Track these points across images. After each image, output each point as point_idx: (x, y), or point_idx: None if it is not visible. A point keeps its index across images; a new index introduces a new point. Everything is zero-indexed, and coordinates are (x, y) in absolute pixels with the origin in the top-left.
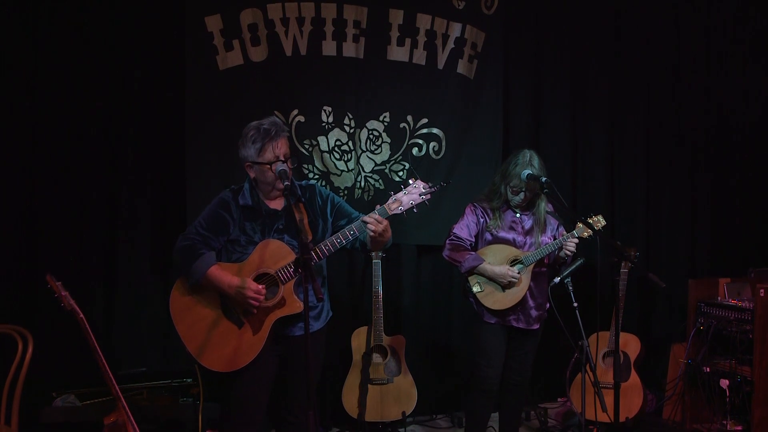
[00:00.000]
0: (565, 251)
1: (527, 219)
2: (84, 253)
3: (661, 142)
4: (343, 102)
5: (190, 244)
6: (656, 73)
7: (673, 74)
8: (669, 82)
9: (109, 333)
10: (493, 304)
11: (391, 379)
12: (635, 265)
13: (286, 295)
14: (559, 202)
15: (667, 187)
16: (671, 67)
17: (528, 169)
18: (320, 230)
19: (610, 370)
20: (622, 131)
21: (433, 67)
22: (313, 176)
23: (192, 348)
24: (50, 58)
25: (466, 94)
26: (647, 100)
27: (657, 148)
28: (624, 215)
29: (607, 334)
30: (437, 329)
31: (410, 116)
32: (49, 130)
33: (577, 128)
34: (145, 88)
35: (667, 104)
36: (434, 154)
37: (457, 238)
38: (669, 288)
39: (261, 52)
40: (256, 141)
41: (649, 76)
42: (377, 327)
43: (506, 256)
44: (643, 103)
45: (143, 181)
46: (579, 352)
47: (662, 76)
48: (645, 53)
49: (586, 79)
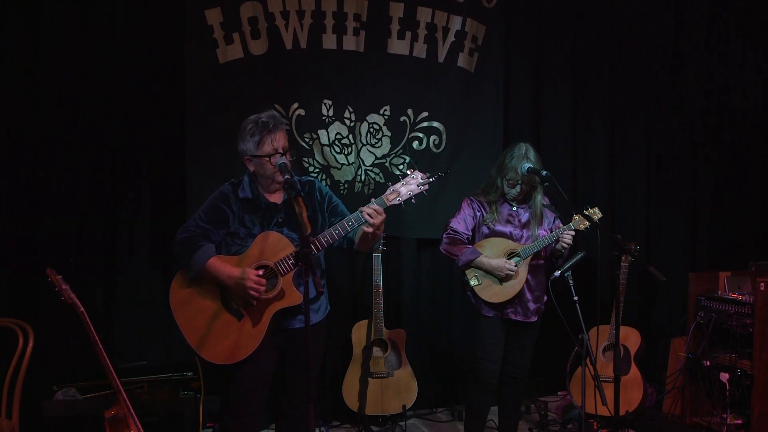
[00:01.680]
0: (562, 244)
1: (524, 212)
2: (84, 247)
3: (662, 136)
4: (344, 95)
5: (190, 236)
6: (657, 65)
7: (674, 66)
8: (670, 74)
9: (110, 326)
10: (491, 297)
11: (392, 373)
12: (635, 258)
13: (286, 287)
14: (559, 195)
15: (667, 181)
16: (673, 58)
17: (525, 161)
18: (320, 225)
19: (610, 363)
20: (622, 124)
21: (434, 61)
22: (314, 170)
23: (192, 340)
24: (49, 52)
25: (467, 87)
26: (648, 94)
27: (658, 141)
28: (624, 209)
29: (608, 327)
30: (437, 323)
31: (410, 110)
32: (48, 124)
33: (577, 121)
34: (144, 81)
35: (668, 97)
36: (435, 147)
37: (454, 232)
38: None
39: (261, 46)
40: (254, 134)
41: (650, 69)
42: (377, 320)
43: (503, 249)
44: (644, 96)
45: (143, 174)
46: (579, 345)
47: (663, 68)
48: (646, 46)
49: (587, 72)
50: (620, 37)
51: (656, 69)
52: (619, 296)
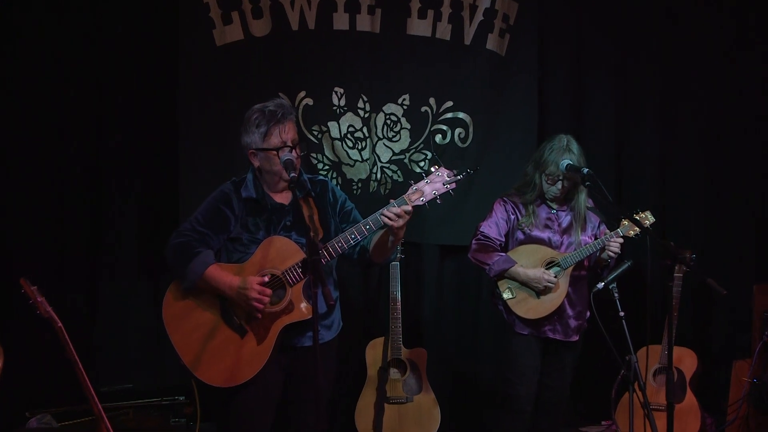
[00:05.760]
0: (608, 252)
1: (564, 215)
2: (63, 254)
3: (721, 130)
4: (357, 83)
5: (185, 241)
6: (717, 50)
7: (741, 54)
8: (735, 64)
9: (92, 344)
10: (526, 312)
11: (411, 398)
12: (691, 268)
13: (295, 299)
14: (602, 196)
15: (728, 181)
16: (739, 44)
17: (566, 156)
18: (332, 229)
19: (662, 389)
20: (675, 118)
21: (459, 43)
22: (323, 167)
23: (187, 359)
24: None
25: (497, 73)
26: (708, 86)
27: (716, 136)
28: (678, 213)
29: (659, 347)
30: (463, 341)
31: (433, 99)
32: (23, 115)
33: (623, 113)
34: (132, 67)
35: (729, 87)
36: (460, 141)
37: (484, 238)
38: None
39: (263, 26)
40: (260, 125)
41: (709, 55)
42: (395, 338)
43: (541, 257)
44: (704, 88)
45: (131, 171)
46: (626, 368)
47: (724, 54)
48: (703, 30)
49: (635, 56)
50: (676, 19)
51: (720, 57)
52: (672, 312)
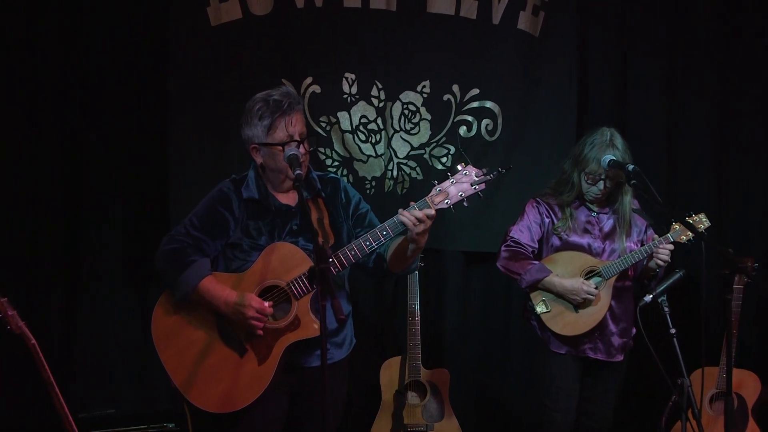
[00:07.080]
0: (657, 260)
1: (606, 218)
2: (37, 261)
3: None
4: (371, 68)
5: (179, 247)
6: None
7: None
8: None
9: (69, 363)
10: (563, 328)
11: (432, 425)
12: (753, 279)
13: (301, 314)
14: (650, 196)
15: None
16: None
17: (609, 151)
18: (345, 235)
19: (721, 417)
20: (735, 108)
21: (487, 22)
22: (332, 163)
23: (179, 381)
24: None
25: (530, 57)
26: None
27: None
28: (738, 216)
29: (716, 370)
30: (490, 361)
31: (456, 86)
32: None
33: (675, 107)
34: (117, 50)
35: None
36: (488, 134)
37: (515, 244)
38: None
39: (265, 4)
40: (264, 116)
41: None
42: (413, 357)
43: (580, 266)
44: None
45: (114, 168)
46: (678, 393)
47: None
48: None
49: (690, 44)
50: None
51: None
52: (731, 329)
